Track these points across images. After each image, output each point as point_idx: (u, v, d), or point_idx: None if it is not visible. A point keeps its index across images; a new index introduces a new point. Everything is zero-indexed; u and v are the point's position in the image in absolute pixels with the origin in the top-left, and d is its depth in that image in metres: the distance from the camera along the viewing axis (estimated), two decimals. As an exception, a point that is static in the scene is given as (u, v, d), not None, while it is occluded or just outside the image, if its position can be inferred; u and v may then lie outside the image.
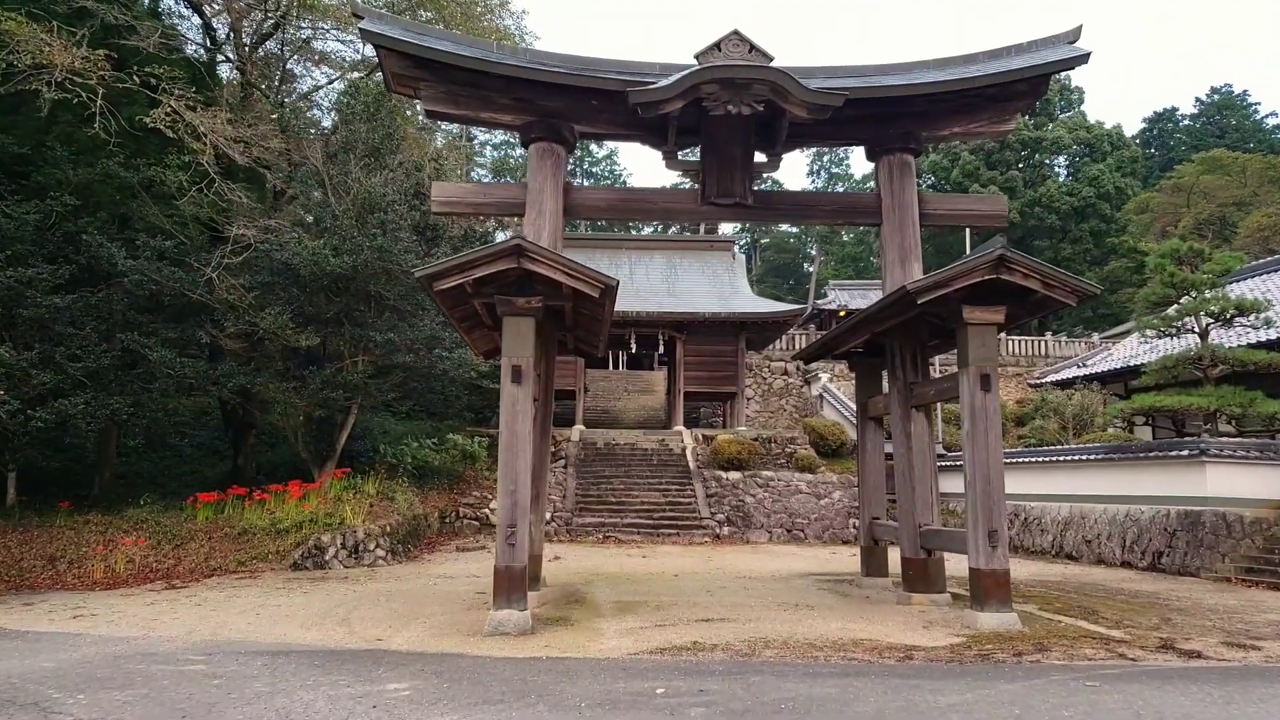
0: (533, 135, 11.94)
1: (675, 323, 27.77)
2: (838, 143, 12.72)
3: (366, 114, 18.23)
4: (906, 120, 12.28)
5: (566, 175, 12.13)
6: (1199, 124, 72.31)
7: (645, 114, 11.27)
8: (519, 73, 11.53)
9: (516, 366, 9.66)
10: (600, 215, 12.76)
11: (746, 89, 11.04)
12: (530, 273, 9.55)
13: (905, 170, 12.37)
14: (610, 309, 10.36)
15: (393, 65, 11.66)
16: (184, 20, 21.37)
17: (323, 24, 22.65)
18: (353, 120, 18.11)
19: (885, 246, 12.44)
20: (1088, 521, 18.78)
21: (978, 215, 12.88)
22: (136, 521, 16.85)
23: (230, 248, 16.48)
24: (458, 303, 10.46)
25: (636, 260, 30.97)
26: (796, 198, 12.58)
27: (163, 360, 16.78)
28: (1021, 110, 12.56)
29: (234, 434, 22.62)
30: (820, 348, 14.39)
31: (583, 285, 9.44)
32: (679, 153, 12.28)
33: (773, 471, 24.37)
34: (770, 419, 32.39)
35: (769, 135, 12.02)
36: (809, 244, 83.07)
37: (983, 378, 10.17)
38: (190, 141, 15.46)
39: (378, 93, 18.43)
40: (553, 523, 21.81)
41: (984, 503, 10.02)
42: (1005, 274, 9.85)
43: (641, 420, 32.86)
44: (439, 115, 12.24)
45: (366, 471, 19.99)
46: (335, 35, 23.57)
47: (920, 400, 12.05)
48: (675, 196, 12.26)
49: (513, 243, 9.24)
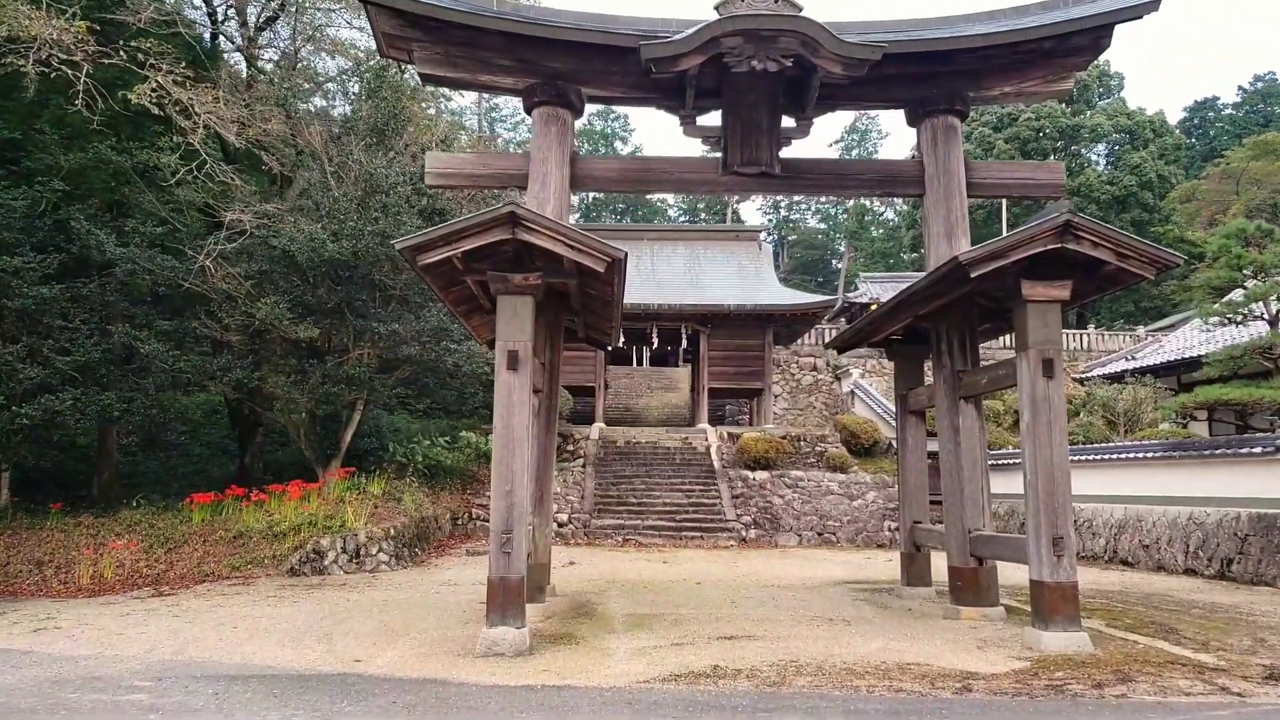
0: (536, 99, 10.83)
1: (699, 315, 26.56)
2: (875, 104, 11.48)
3: (368, 91, 17.22)
4: (951, 79, 11.01)
5: (574, 144, 11.00)
6: (1242, 113, 69.91)
7: (660, 72, 10.11)
8: (520, 28, 10.43)
9: (513, 352, 8.55)
10: (611, 187, 11.63)
11: (773, 42, 9.85)
12: (527, 245, 8.43)
13: (951, 134, 11.10)
14: (620, 287, 9.23)
15: (384, 24, 10.59)
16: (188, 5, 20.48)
17: (334, 6, 21.72)
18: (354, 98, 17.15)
19: (928, 219, 11.19)
20: (1145, 525, 17.36)
21: (1031, 184, 11.59)
22: (130, 524, 15.97)
23: (225, 234, 15.51)
24: (450, 282, 9.37)
25: (658, 251, 29.78)
26: (829, 166, 11.38)
27: (156, 354, 15.89)
28: (1080, 67, 11.25)
29: (240, 432, 21.75)
30: (855, 335, 13.15)
31: (586, 258, 8.30)
32: (698, 118, 11.11)
33: (802, 471, 23.11)
34: (799, 417, 31.09)
35: (798, 96, 10.82)
36: (837, 240, 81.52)
37: (1045, 363, 8.91)
38: (180, 120, 14.50)
39: (380, 69, 17.43)
40: (569, 525, 20.71)
41: (1047, 506, 8.76)
42: (1072, 242, 8.58)
43: (665, 418, 31.71)
44: (434, 80, 11.16)
45: (374, 471, 19.02)
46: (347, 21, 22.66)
47: (970, 391, 10.78)
48: (694, 165, 11.10)
49: (506, 209, 8.13)
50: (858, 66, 10.06)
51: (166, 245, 16.47)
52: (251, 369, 16.70)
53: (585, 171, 11.06)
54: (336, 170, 16.64)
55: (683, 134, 11.13)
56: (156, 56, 14.47)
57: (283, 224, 15.75)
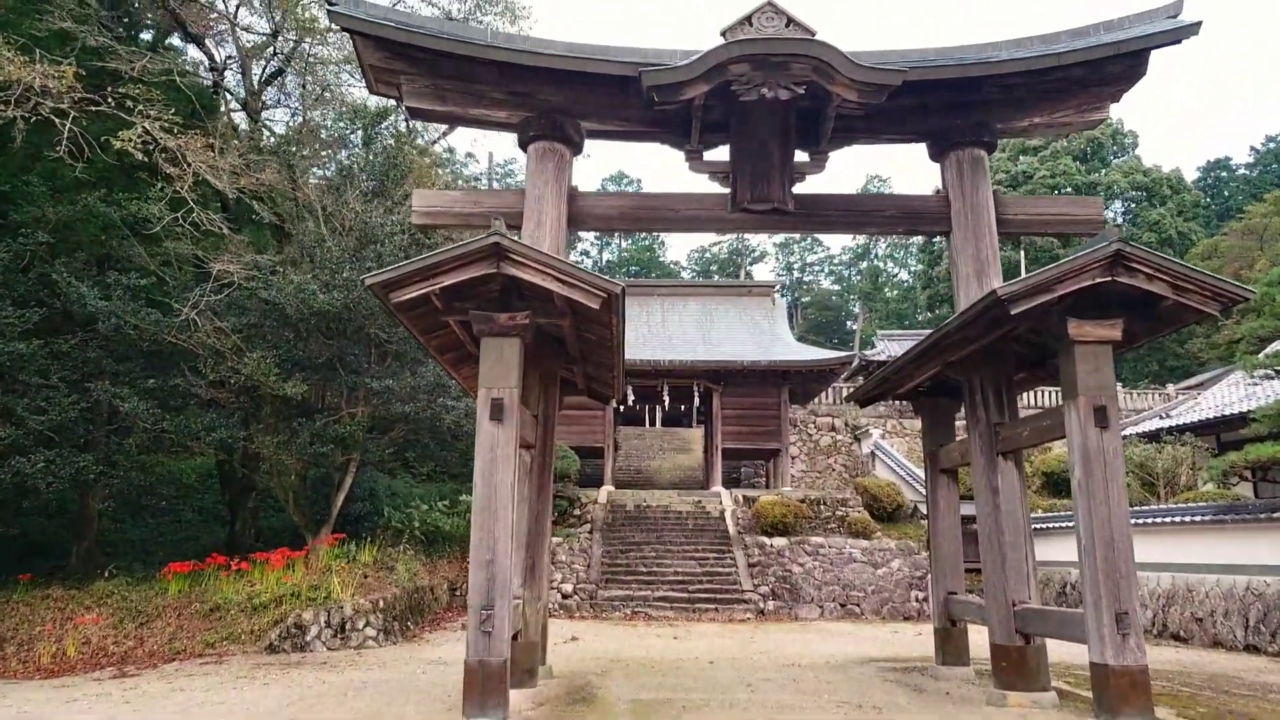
0: (532, 134, 10.10)
1: (711, 372, 25.59)
2: (894, 138, 10.69)
3: (366, 138, 16.68)
4: (977, 109, 10.23)
5: (571, 181, 10.22)
6: (1255, 172, 69.65)
7: (663, 101, 9.38)
8: (515, 58, 9.73)
9: (497, 400, 7.62)
10: (612, 226, 10.84)
11: (784, 68, 9.12)
12: (514, 280, 7.57)
13: (978, 167, 10.27)
14: (620, 328, 8.32)
15: (370, 56, 9.95)
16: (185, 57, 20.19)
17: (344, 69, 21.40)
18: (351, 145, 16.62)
19: (956, 258, 10.28)
20: (1196, 596, 16.03)
21: (1067, 220, 10.68)
22: (101, 596, 14.93)
23: (212, 285, 14.78)
24: (432, 325, 8.50)
25: (669, 307, 28.99)
26: (846, 201, 10.53)
27: (137, 412, 15.03)
28: (1115, 97, 10.44)
29: (230, 497, 20.77)
30: (880, 385, 12.15)
31: (579, 294, 7.42)
32: (705, 153, 10.34)
33: (822, 537, 21.84)
34: (818, 479, 29.87)
35: (812, 128, 10.07)
36: (851, 301, 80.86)
37: (1097, 411, 7.90)
38: (168, 168, 13.90)
39: (376, 114, 16.92)
40: (575, 596, 19.49)
41: (1108, 576, 7.67)
42: (1123, 275, 7.65)
43: (677, 481, 30.53)
44: (422, 114, 10.46)
45: (367, 537, 17.94)
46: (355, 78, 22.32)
47: (1009, 445, 9.72)
48: (701, 202, 10.28)
49: (490, 239, 7.29)
50: (876, 93, 9.31)
51: (152, 298, 15.74)
52: (238, 428, 15.81)
53: (584, 209, 10.26)
54: (331, 220, 15.98)
55: (688, 170, 10.35)
56: (146, 103, 13.92)
57: (274, 275, 15.00)
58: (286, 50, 19.75)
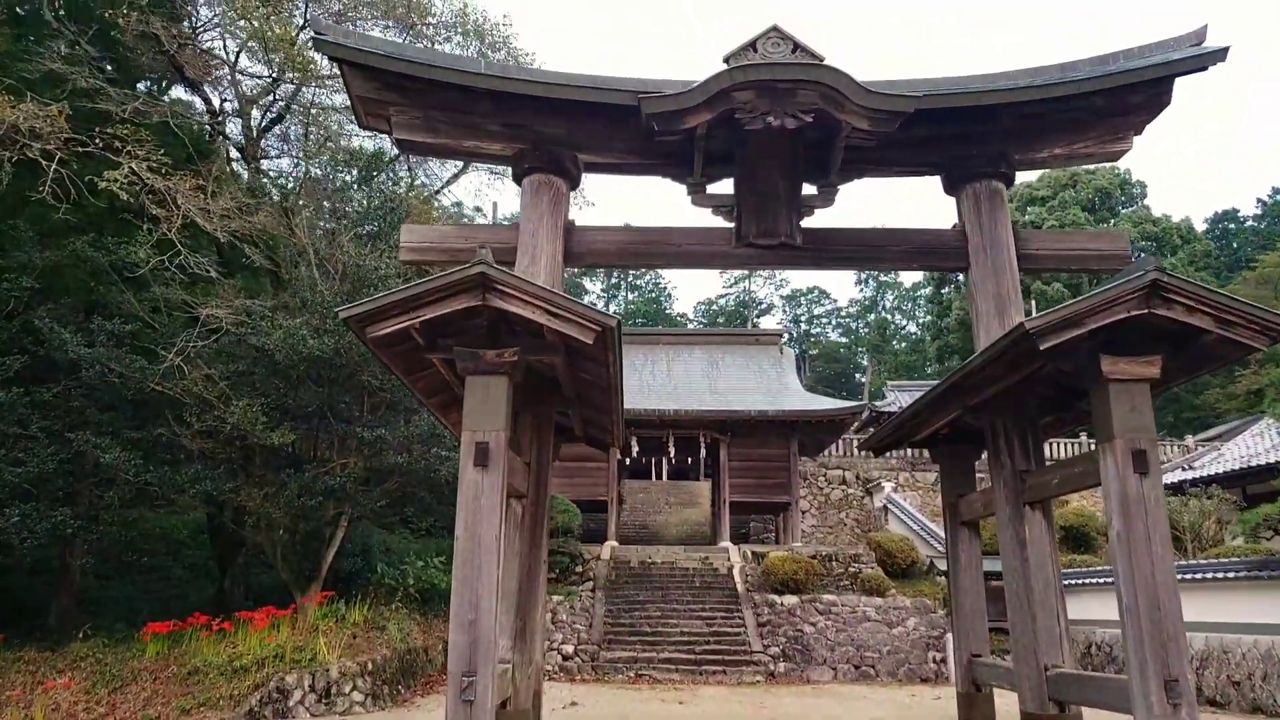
0: (526, 166, 9.64)
1: (718, 423, 24.91)
2: (907, 170, 10.21)
3: (362, 179, 16.32)
4: (994, 139, 9.76)
5: (568, 215, 9.74)
6: (1264, 224, 69.60)
7: (664, 131, 8.93)
8: (511, 87, 9.32)
9: (482, 444, 7.01)
10: (610, 261, 10.35)
11: (790, 95, 8.67)
12: (501, 314, 7.01)
13: (996, 200, 9.76)
14: (616, 367, 7.73)
15: (359, 87, 9.54)
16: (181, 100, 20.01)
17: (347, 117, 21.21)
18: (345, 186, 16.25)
19: (975, 295, 9.72)
20: (1232, 658, 15.10)
21: (1092, 255, 10.13)
22: (76, 658, 14.17)
23: (201, 331, 14.29)
24: (415, 364, 7.93)
25: (674, 356, 28.43)
26: (858, 236, 9.99)
27: (118, 463, 14.42)
28: (1138, 128, 9.96)
29: (220, 552, 20.06)
30: (895, 432, 11.50)
31: (570, 328, 6.85)
32: (708, 186, 9.86)
33: (835, 595, 20.94)
34: (829, 534, 28.98)
35: (821, 160, 9.59)
36: (860, 354, 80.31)
37: (1136, 455, 7.23)
38: (154, 208, 13.51)
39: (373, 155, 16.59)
40: (576, 658, 18.59)
41: (1154, 638, 6.92)
42: (1161, 306, 7.05)
43: (684, 536, 29.66)
44: (412, 146, 10.04)
45: (358, 595, 17.14)
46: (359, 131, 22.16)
47: (1037, 494, 9.04)
48: (704, 237, 9.77)
49: (475, 269, 6.75)
50: (888, 122, 8.85)
51: (138, 345, 15.25)
52: (224, 480, 15.16)
53: (581, 244, 9.75)
54: (325, 264, 15.53)
55: (691, 204, 9.85)
56: (135, 144, 13.58)
57: (263, 321, 14.51)
58: (287, 96, 19.56)
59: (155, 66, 18.13)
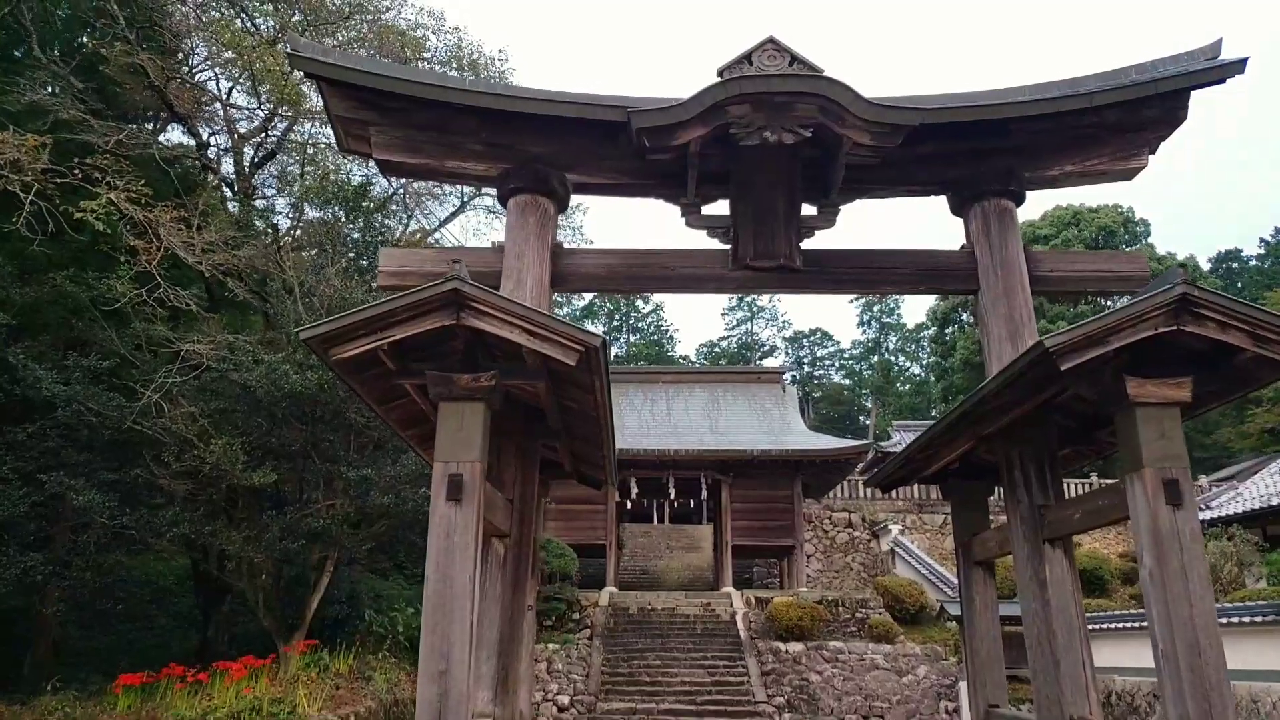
0: (512, 186, 9.18)
1: (719, 462, 24.26)
2: (911, 189, 9.78)
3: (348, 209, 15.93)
4: (1003, 156, 9.30)
5: (556, 237, 9.27)
6: (1267, 264, 69.52)
7: (656, 147, 8.49)
8: (496, 104, 8.91)
9: (455, 477, 6.44)
10: (600, 286, 9.89)
11: (787, 109, 8.24)
12: (477, 335, 6.50)
13: (1006, 220, 9.28)
14: (603, 392, 7.18)
15: (339, 105, 9.12)
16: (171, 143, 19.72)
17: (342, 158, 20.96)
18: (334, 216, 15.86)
19: (986, 319, 9.19)
20: (1261, 707, 14.34)
21: (1108, 277, 9.62)
22: (44, 712, 13.45)
23: (184, 367, 13.78)
24: (388, 393, 7.38)
25: (674, 394, 27.87)
26: (862, 258, 9.49)
27: (92, 506, 13.83)
28: (1152, 144, 9.51)
29: (203, 599, 19.37)
30: (903, 467, 10.87)
31: (551, 348, 6.32)
32: (703, 207, 9.39)
33: (842, 642, 20.13)
34: (835, 579, 28.14)
35: (821, 178, 9.15)
36: (864, 396, 79.65)
37: (1168, 486, 6.63)
38: (131, 240, 13.10)
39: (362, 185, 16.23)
40: (571, 709, 17.80)
41: (1195, 688, 6.27)
42: (1191, 323, 6.50)
43: (686, 581, 28.82)
44: (394, 168, 9.60)
45: (343, 643, 16.41)
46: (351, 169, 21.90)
47: (1058, 530, 8.41)
48: (699, 259, 9.27)
49: (448, 285, 6.25)
50: (890, 136, 8.40)
51: (117, 382, 14.73)
52: (202, 523, 14.54)
53: (570, 268, 9.26)
54: (310, 296, 15.07)
55: (685, 225, 9.38)
56: (115, 175, 13.21)
57: (244, 357, 14.01)
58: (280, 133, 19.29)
59: (145, 102, 17.87)
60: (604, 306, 78.05)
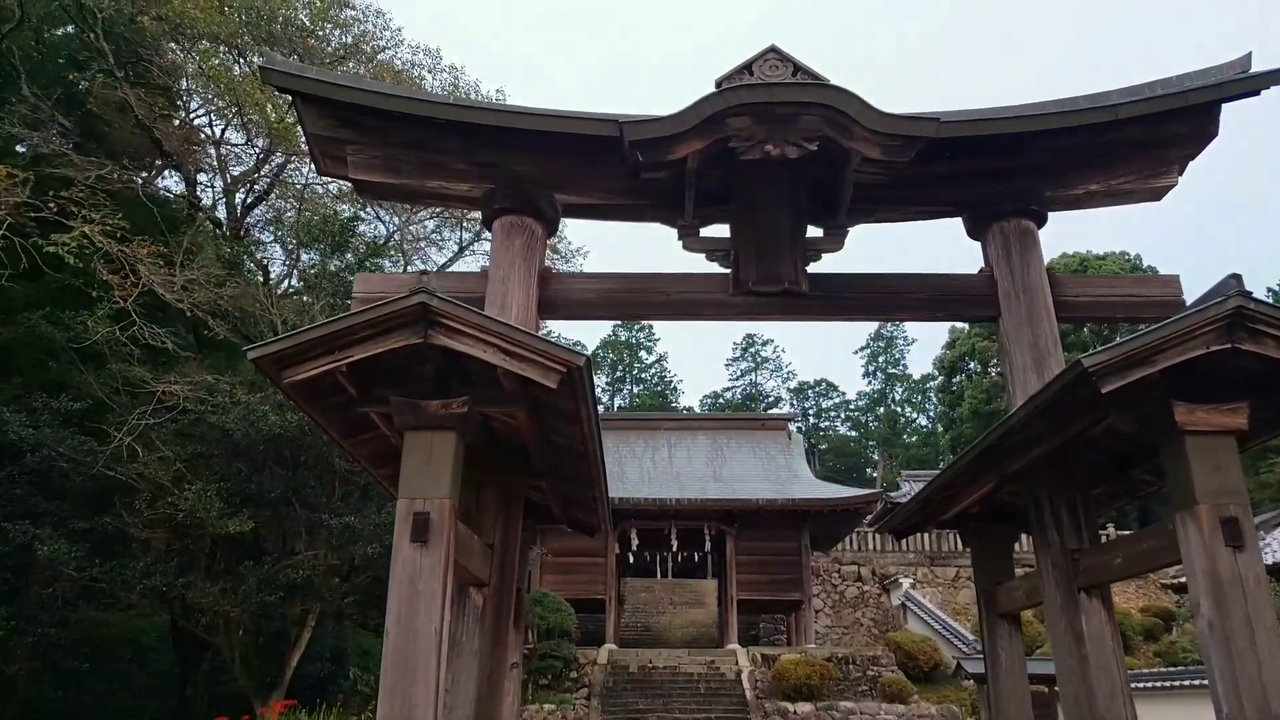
0: (498, 207, 8.58)
1: (723, 513, 23.39)
2: (924, 210, 9.19)
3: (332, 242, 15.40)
4: (1023, 174, 8.71)
5: (544, 261, 8.65)
6: (1277, 312, 68.97)
7: (651, 163, 7.92)
8: (482, 119, 8.39)
9: (421, 515, 5.73)
10: (592, 313, 9.25)
11: (791, 121, 7.67)
12: (450, 356, 5.82)
13: (1027, 241, 8.65)
14: (590, 421, 6.46)
15: (315, 123, 8.58)
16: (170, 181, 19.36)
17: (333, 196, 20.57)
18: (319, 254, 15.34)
19: (1009, 347, 8.50)
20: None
21: (1138, 302, 8.94)
22: (0, 778, 12.57)
23: (153, 408, 13.12)
24: (354, 423, 6.69)
25: (676, 442, 27.08)
26: (873, 282, 8.83)
27: (58, 557, 13.06)
28: (1181, 161, 8.93)
29: (183, 657, 18.44)
30: (919, 510, 10.07)
31: (529, 369, 5.64)
32: (701, 229, 8.79)
33: (853, 702, 19.07)
34: (845, 635, 27.02)
35: (827, 198, 8.56)
36: (871, 449, 78.57)
37: (1227, 524, 5.86)
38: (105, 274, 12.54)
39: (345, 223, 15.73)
40: (567, 774, 16.72)
41: (1268, 755, 5.44)
42: (1247, 340, 5.81)
43: (690, 639, 27.71)
44: (371, 188, 9.03)
45: (326, 704, 15.41)
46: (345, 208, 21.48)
47: (1095, 577, 7.60)
48: (697, 284, 8.63)
49: (415, 299, 5.59)
50: (903, 149, 7.81)
51: (90, 426, 14.06)
52: (175, 575, 13.74)
53: (559, 293, 8.61)
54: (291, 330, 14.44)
55: (682, 248, 8.78)
56: (90, 208, 12.71)
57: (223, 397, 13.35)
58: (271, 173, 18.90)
59: (133, 142, 17.48)
60: (606, 357, 77.62)
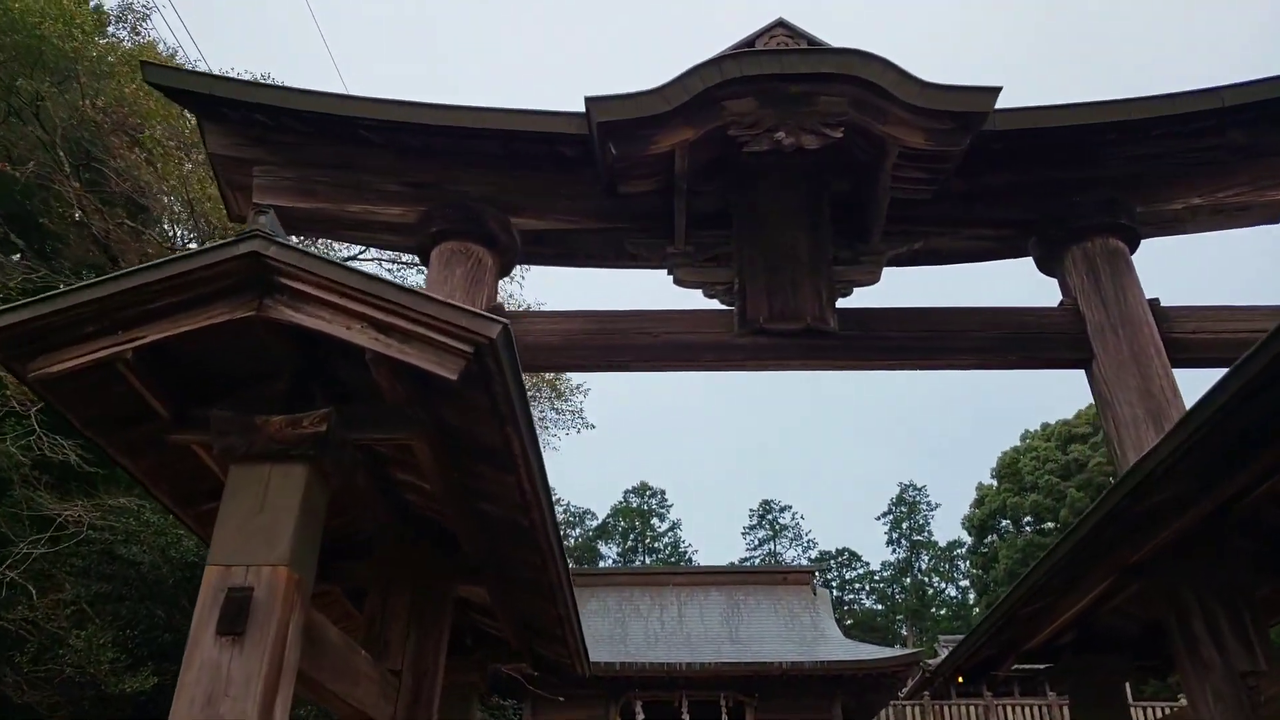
0: (435, 230, 6.73)
1: (742, 679, 20.33)
2: (980, 233, 7.30)
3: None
4: (1105, 185, 6.86)
5: (496, 295, 6.70)
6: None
7: (627, 161, 6.20)
8: (420, 117, 6.66)
9: (238, 592, 3.49)
10: (559, 361, 7.38)
11: (807, 102, 5.96)
12: (299, 340, 3.78)
13: (1119, 264, 6.70)
14: (527, 456, 4.26)
15: (217, 140, 6.91)
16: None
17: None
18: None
19: (1108, 397, 6.33)
20: None
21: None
22: None
23: (49, 536, 10.89)
24: (166, 460, 4.53)
25: (686, 599, 24.21)
26: (921, 318, 6.72)
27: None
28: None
29: None
30: (993, 637, 7.54)
31: (416, 351, 3.55)
32: (697, 258, 6.89)
33: None
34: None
35: (856, 215, 6.76)
36: (898, 623, 73.70)
37: None
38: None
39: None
40: None
41: None
42: None
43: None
44: (279, 214, 7.22)
45: None
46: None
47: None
48: (693, 322, 6.59)
49: (244, 247, 3.62)
50: (954, 135, 6.06)
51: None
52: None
53: (519, 335, 6.60)
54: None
55: (673, 283, 6.85)
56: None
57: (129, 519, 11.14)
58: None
59: (90, 256, 16.09)
60: (618, 525, 74.61)
